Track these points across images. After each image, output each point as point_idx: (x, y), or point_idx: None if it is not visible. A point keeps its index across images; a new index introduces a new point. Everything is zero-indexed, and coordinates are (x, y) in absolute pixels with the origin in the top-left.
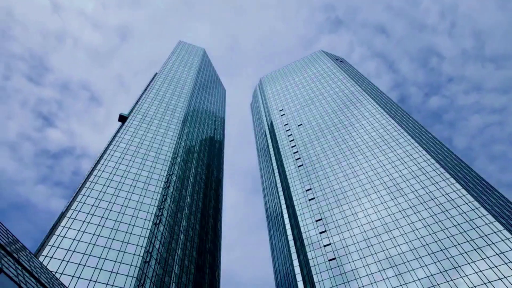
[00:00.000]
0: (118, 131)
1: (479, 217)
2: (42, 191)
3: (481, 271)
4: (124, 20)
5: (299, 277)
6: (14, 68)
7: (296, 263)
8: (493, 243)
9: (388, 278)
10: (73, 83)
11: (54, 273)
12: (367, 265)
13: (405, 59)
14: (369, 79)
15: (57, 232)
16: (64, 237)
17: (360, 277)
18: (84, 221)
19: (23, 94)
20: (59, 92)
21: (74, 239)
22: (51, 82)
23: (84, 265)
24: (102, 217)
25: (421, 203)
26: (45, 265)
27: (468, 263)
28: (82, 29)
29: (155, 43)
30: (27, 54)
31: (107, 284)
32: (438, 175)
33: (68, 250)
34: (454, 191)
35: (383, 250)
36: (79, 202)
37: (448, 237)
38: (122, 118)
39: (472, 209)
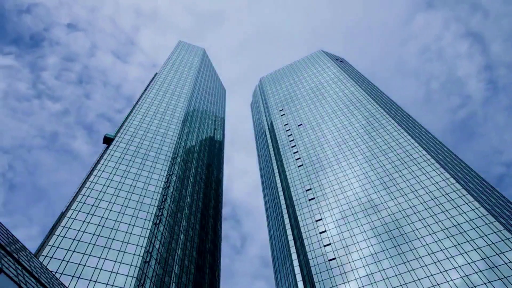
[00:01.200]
0: (118, 131)
1: (479, 217)
2: None
3: (481, 271)
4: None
5: (299, 277)
6: (102, 45)
7: (296, 263)
8: (493, 243)
9: (388, 278)
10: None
11: (54, 273)
12: (367, 265)
13: (499, 39)
14: (368, 79)
15: (57, 232)
16: (64, 237)
17: (360, 277)
18: (84, 221)
19: (108, 72)
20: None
21: (74, 239)
22: (139, 61)
23: (84, 265)
24: (102, 217)
25: (421, 203)
26: (45, 265)
27: (468, 263)
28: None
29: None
30: (117, 32)
31: (107, 284)
32: (438, 175)
33: (68, 250)
34: (454, 191)
35: (383, 250)
36: (79, 202)
37: (448, 237)
38: (107, 140)
39: (472, 209)
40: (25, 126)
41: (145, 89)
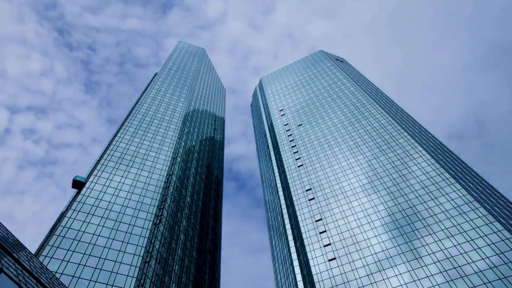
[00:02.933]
0: (118, 131)
1: (479, 217)
2: None
3: (481, 271)
4: None
5: (299, 277)
6: None
7: (296, 263)
8: (493, 243)
9: (388, 278)
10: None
11: (54, 273)
12: (367, 265)
13: None
14: (368, 79)
15: (57, 232)
16: (64, 237)
17: (360, 277)
18: (84, 221)
19: None
20: None
21: (74, 239)
22: None
23: (84, 265)
24: (102, 217)
25: (421, 203)
26: (45, 265)
27: (468, 263)
28: None
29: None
30: None
31: (107, 284)
32: (438, 175)
33: (68, 250)
34: (454, 191)
35: (383, 250)
36: (79, 202)
37: (448, 237)
38: (77, 184)
39: (472, 209)
40: None
41: (145, 89)
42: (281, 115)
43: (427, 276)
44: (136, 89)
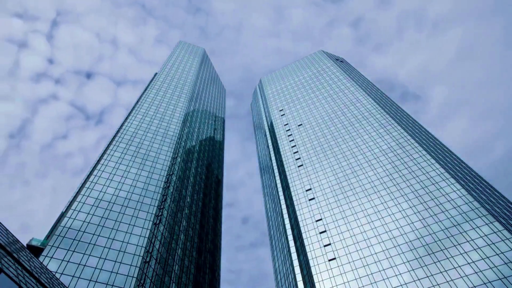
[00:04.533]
0: (118, 131)
1: (479, 217)
2: None
3: (481, 271)
4: None
5: (299, 277)
6: None
7: (296, 263)
8: (493, 243)
9: (388, 278)
10: None
11: (54, 273)
12: (367, 265)
13: None
14: (368, 79)
15: (57, 232)
16: (64, 237)
17: (360, 277)
18: (84, 221)
19: None
20: None
21: (74, 239)
22: None
23: (84, 265)
24: (102, 217)
25: (421, 203)
26: (45, 265)
27: (468, 263)
28: None
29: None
30: None
31: (107, 284)
32: (438, 175)
33: (68, 250)
34: (454, 191)
35: (383, 250)
36: (79, 202)
37: (448, 237)
38: (34, 250)
39: (472, 209)
40: None
41: (145, 89)
42: (281, 115)
43: (427, 276)
44: None
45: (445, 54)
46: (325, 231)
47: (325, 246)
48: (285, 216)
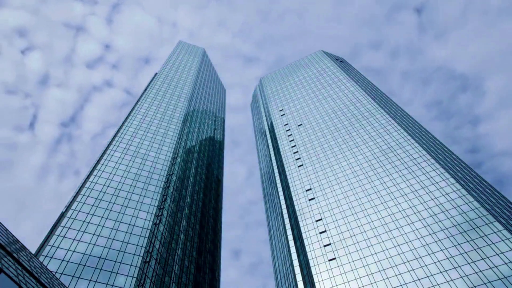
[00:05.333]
0: (118, 131)
1: (479, 217)
2: None
3: (481, 271)
4: None
5: (299, 277)
6: None
7: (296, 263)
8: (493, 243)
9: (388, 278)
10: None
11: (54, 273)
12: (367, 265)
13: None
14: (368, 79)
15: (57, 232)
16: (64, 237)
17: (360, 277)
18: (84, 221)
19: None
20: None
21: (74, 239)
22: None
23: (84, 265)
24: (102, 217)
25: (421, 203)
26: (45, 265)
27: (468, 263)
28: None
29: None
30: None
31: (107, 284)
32: (438, 175)
33: (68, 250)
34: (454, 191)
35: (383, 250)
36: (79, 202)
37: (448, 237)
38: None
39: (472, 209)
40: None
41: (145, 89)
42: (281, 115)
43: (427, 276)
44: None
45: (508, 43)
46: (325, 231)
47: (325, 246)
48: (285, 216)
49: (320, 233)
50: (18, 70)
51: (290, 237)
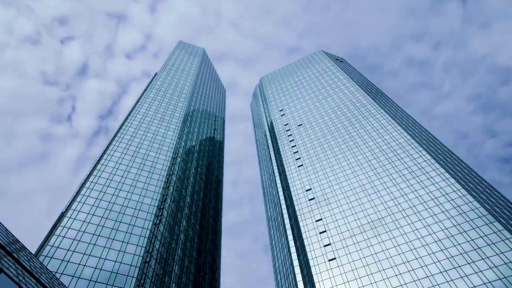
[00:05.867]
0: (118, 131)
1: (479, 217)
2: None
3: (481, 271)
4: None
5: (299, 277)
6: None
7: (296, 263)
8: (493, 243)
9: (388, 278)
10: None
11: (54, 273)
12: (367, 265)
13: None
14: (368, 79)
15: (57, 232)
16: (64, 237)
17: (360, 277)
18: (84, 221)
19: None
20: None
21: (74, 239)
22: None
23: (84, 265)
24: (102, 217)
25: (421, 203)
26: (45, 265)
27: (468, 263)
28: None
29: None
30: None
31: (107, 284)
32: (438, 175)
33: (68, 250)
34: (454, 191)
35: (383, 250)
36: (79, 202)
37: (448, 237)
38: None
39: (472, 209)
40: None
41: (145, 89)
42: (281, 115)
43: (427, 276)
44: None
45: None
46: (325, 231)
47: (325, 246)
48: (285, 216)
49: (320, 233)
50: (57, 60)
51: (290, 237)
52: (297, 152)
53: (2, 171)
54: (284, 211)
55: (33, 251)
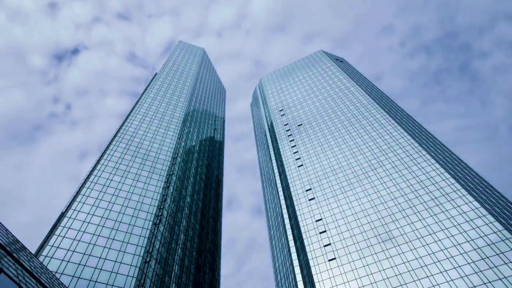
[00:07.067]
0: (118, 131)
1: (479, 217)
2: None
3: (481, 271)
4: None
5: (299, 277)
6: None
7: (296, 263)
8: (493, 243)
9: (388, 278)
10: None
11: (54, 273)
12: (367, 265)
13: None
14: (368, 79)
15: (57, 232)
16: (64, 237)
17: (360, 277)
18: (84, 221)
19: None
20: None
21: (74, 239)
22: None
23: (84, 265)
24: (102, 217)
25: (421, 203)
26: (45, 265)
27: (468, 263)
28: None
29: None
30: None
31: (107, 284)
32: (438, 175)
33: (68, 250)
34: (454, 191)
35: (383, 250)
36: (79, 202)
37: (448, 237)
38: None
39: (472, 209)
40: None
41: (145, 89)
42: (281, 115)
43: (427, 276)
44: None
45: None
46: (325, 231)
47: (325, 246)
48: (285, 216)
49: (320, 233)
50: (144, 37)
51: (290, 237)
52: (297, 152)
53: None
54: (284, 211)
55: (33, 251)
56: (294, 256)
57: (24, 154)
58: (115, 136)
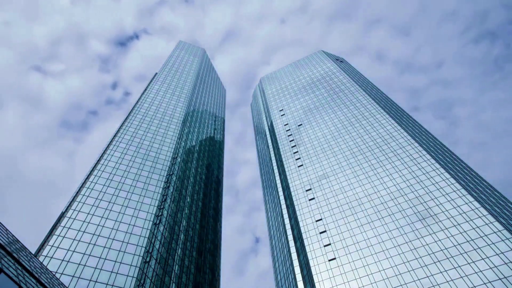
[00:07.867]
0: (118, 131)
1: (479, 217)
2: None
3: (481, 271)
4: None
5: (299, 277)
6: None
7: (296, 263)
8: (493, 243)
9: (388, 278)
10: None
11: (54, 273)
12: (367, 265)
13: None
14: (368, 79)
15: (57, 232)
16: (64, 237)
17: (360, 277)
18: (84, 221)
19: None
20: None
21: (74, 239)
22: None
23: (84, 265)
24: (102, 217)
25: (421, 203)
26: (45, 265)
27: (468, 263)
28: None
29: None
30: None
31: (107, 284)
32: (438, 175)
33: (68, 250)
34: (454, 191)
35: (383, 250)
36: (79, 202)
37: (448, 237)
38: None
39: (472, 209)
40: None
41: (145, 89)
42: (281, 115)
43: (427, 276)
44: None
45: None
46: (325, 231)
47: (325, 246)
48: (285, 216)
49: (320, 233)
50: (200, 25)
51: (290, 237)
52: (297, 152)
53: None
54: (284, 211)
55: (33, 251)
56: (294, 256)
57: (75, 142)
58: (115, 136)
